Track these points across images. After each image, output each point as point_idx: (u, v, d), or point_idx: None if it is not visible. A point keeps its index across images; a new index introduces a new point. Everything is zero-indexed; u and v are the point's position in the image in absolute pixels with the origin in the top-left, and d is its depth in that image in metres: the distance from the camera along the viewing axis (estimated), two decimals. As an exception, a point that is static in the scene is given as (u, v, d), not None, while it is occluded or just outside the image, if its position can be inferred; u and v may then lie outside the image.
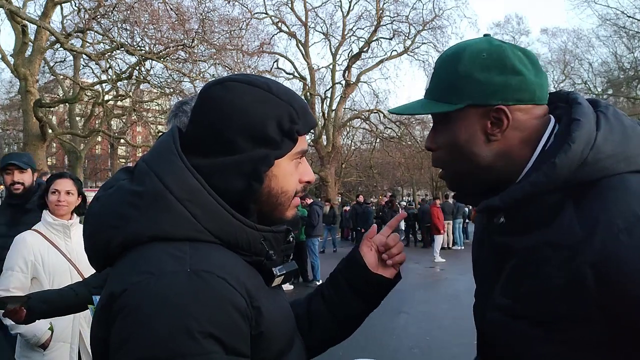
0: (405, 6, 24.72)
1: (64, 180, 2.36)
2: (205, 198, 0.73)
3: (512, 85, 0.80)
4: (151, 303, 0.64)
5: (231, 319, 0.66)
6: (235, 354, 0.66)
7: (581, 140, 0.76)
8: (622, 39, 25.00)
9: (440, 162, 0.90)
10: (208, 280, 0.66)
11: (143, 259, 0.69)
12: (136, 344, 0.62)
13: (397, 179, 32.88)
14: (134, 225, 0.71)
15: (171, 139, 0.77)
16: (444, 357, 4.79)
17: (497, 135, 0.82)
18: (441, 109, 0.84)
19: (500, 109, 0.80)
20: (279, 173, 0.79)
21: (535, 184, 0.78)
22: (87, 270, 2.33)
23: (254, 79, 0.80)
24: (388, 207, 12.90)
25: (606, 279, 0.70)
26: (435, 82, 0.87)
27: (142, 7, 12.58)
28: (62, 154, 27.59)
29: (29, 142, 12.82)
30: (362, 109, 25.96)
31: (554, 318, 0.75)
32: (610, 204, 0.73)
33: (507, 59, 0.81)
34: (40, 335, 2.18)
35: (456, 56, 0.84)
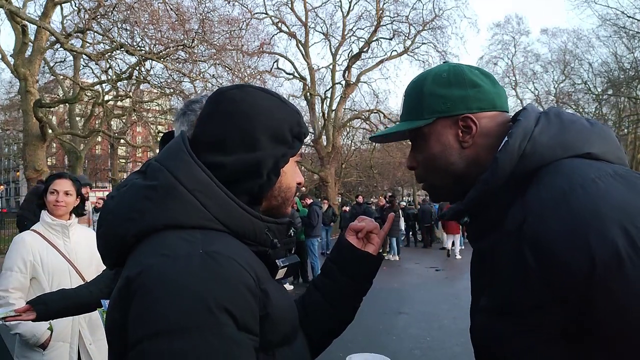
0: (405, 6, 24.76)
1: (63, 181, 2.35)
2: (213, 189, 0.79)
3: (472, 96, 0.90)
4: (167, 281, 0.68)
5: (243, 297, 0.70)
6: (246, 330, 0.70)
7: (517, 135, 0.83)
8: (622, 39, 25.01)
9: (421, 178, 0.99)
10: (220, 260, 0.71)
11: (157, 244, 0.74)
12: (154, 318, 0.66)
13: (397, 179, 32.91)
14: (149, 215, 0.77)
15: (180, 139, 0.84)
16: (444, 357, 4.78)
17: (468, 142, 0.90)
18: (413, 125, 0.92)
19: (466, 116, 0.89)
20: (288, 171, 0.89)
21: (485, 182, 0.84)
22: (85, 270, 2.33)
23: (266, 89, 0.92)
24: (388, 206, 12.88)
25: (540, 253, 0.73)
26: (405, 106, 0.97)
27: (142, 7, 12.59)
28: (62, 154, 27.59)
29: (29, 142, 12.83)
30: (362, 109, 25.97)
31: (518, 308, 0.78)
32: (542, 186, 0.78)
33: (464, 75, 0.92)
34: (39, 335, 2.18)
35: (420, 81, 0.95)
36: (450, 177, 0.92)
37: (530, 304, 0.76)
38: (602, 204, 0.70)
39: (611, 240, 0.67)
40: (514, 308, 0.78)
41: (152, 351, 0.64)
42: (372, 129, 26.45)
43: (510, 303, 0.79)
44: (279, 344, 0.79)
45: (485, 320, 0.86)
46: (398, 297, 7.69)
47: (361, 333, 5.72)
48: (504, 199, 0.83)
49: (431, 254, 13.79)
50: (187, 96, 16.04)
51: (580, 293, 0.70)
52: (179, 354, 0.64)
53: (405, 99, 0.98)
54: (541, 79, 32.91)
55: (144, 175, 0.82)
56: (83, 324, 2.33)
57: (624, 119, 27.67)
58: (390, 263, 12.13)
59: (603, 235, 0.68)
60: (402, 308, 6.89)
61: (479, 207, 0.87)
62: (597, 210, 0.70)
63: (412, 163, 0.98)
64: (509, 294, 0.79)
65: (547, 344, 0.76)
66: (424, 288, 8.47)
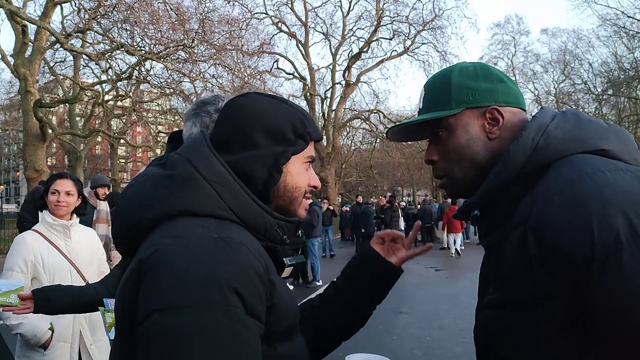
0: (405, 6, 24.78)
1: (64, 181, 2.36)
2: (230, 181, 0.82)
3: (499, 90, 0.92)
4: (181, 259, 0.69)
5: (253, 282, 0.72)
6: (253, 316, 0.70)
7: (532, 129, 0.84)
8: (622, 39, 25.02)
9: (442, 171, 0.97)
10: (233, 246, 0.73)
11: (172, 227, 0.76)
12: (165, 293, 0.67)
13: (397, 179, 32.92)
14: (165, 202, 0.79)
15: (202, 135, 0.88)
16: (444, 357, 4.79)
17: (495, 133, 0.90)
18: (441, 114, 0.91)
19: (494, 108, 0.90)
20: (293, 170, 0.90)
21: (497, 173, 0.85)
22: (86, 270, 2.34)
23: (272, 94, 0.97)
24: (388, 207, 12.88)
25: (542, 240, 0.74)
26: (428, 99, 0.97)
27: (142, 7, 12.59)
28: (62, 154, 27.58)
29: (29, 142, 12.83)
30: (362, 109, 25.99)
31: (521, 300, 0.78)
32: (553, 176, 0.79)
33: (491, 70, 0.94)
34: (40, 335, 2.18)
35: (446, 73, 0.95)
36: (474, 169, 0.91)
37: (533, 295, 0.76)
38: (607, 191, 0.71)
39: (613, 226, 0.68)
40: (518, 300, 0.78)
41: (162, 323, 0.66)
42: (372, 129, 26.47)
43: (514, 295, 0.79)
44: (281, 338, 0.80)
45: (489, 316, 0.86)
46: (398, 297, 7.68)
47: (361, 333, 5.70)
48: (515, 192, 0.84)
49: (431, 254, 13.76)
50: (187, 96, 16.05)
51: (580, 280, 0.70)
52: (188, 328, 0.65)
53: (427, 92, 0.97)
54: (541, 79, 32.97)
55: (163, 167, 0.85)
56: (84, 324, 2.33)
57: (624, 119, 27.66)
58: (390, 263, 12.13)
59: (605, 221, 0.68)
60: (402, 308, 6.89)
61: (491, 201, 0.87)
62: (601, 196, 0.70)
63: (432, 156, 0.97)
64: (513, 286, 0.79)
65: (550, 337, 0.76)
66: (424, 288, 8.46)
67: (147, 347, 0.66)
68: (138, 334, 0.68)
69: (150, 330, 0.66)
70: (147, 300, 0.69)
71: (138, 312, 0.69)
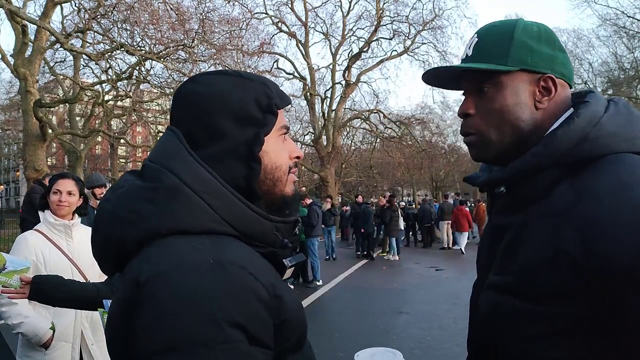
0: (405, 6, 24.80)
1: (66, 181, 2.37)
2: (220, 189, 0.74)
3: (559, 59, 0.86)
4: (175, 292, 0.64)
5: (255, 309, 0.66)
6: (258, 345, 0.66)
7: (585, 117, 0.79)
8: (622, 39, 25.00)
9: (474, 128, 0.89)
10: (231, 271, 0.67)
11: (164, 252, 0.69)
12: (159, 331, 0.62)
13: (397, 179, 32.90)
14: (152, 219, 0.71)
15: (175, 137, 0.78)
16: (444, 357, 4.79)
17: (544, 103, 0.85)
18: (495, 67, 0.84)
19: (550, 77, 0.84)
20: (269, 149, 0.80)
21: (535, 154, 0.80)
22: (88, 270, 2.34)
23: (223, 70, 0.84)
24: (387, 206, 12.88)
25: (589, 242, 0.70)
26: (483, 46, 0.88)
27: (142, 7, 12.59)
28: (62, 154, 27.56)
29: (29, 142, 12.82)
30: (362, 109, 25.97)
31: (544, 292, 0.74)
32: (602, 174, 0.75)
33: (555, 36, 0.87)
34: (41, 334, 2.18)
35: (509, 26, 0.87)
36: (513, 136, 0.85)
37: (556, 291, 0.73)
38: None
39: None
40: (533, 291, 0.75)
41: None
42: (372, 128, 26.46)
43: (529, 285, 0.76)
44: (293, 350, 0.76)
45: (493, 298, 0.83)
46: (398, 297, 7.69)
47: (361, 333, 5.72)
48: (549, 176, 0.80)
49: (431, 254, 13.79)
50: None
51: (618, 288, 0.68)
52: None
53: (481, 39, 0.89)
54: (541, 78, 32.76)
55: (140, 177, 0.77)
56: (85, 324, 2.33)
57: (624, 119, 27.61)
58: (390, 263, 12.14)
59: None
60: (402, 308, 6.89)
61: (520, 180, 0.82)
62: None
63: (468, 109, 0.89)
64: (531, 276, 0.76)
65: (561, 332, 0.74)
66: (424, 288, 8.47)
67: None
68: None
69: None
70: (143, 339, 0.63)
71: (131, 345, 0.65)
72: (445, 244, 14.85)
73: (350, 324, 6.15)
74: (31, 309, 2.22)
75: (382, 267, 11.40)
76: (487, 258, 0.91)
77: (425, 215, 15.84)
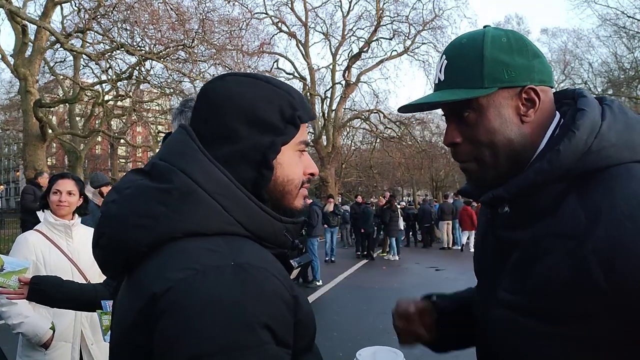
0: (405, 6, 24.82)
1: (66, 181, 2.37)
2: (234, 191, 0.73)
3: (535, 66, 0.81)
4: (200, 298, 0.62)
5: (280, 311, 0.66)
6: (283, 345, 0.66)
7: (585, 128, 0.76)
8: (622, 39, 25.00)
9: (467, 155, 0.86)
10: (253, 273, 0.66)
11: (181, 256, 0.67)
12: (189, 340, 0.60)
13: (397, 179, 32.87)
14: (166, 222, 0.69)
15: (187, 136, 0.77)
16: (444, 357, 4.79)
17: (530, 116, 0.81)
18: (473, 94, 0.81)
19: (531, 88, 0.80)
20: (284, 161, 0.79)
21: (540, 172, 0.77)
22: (88, 270, 2.34)
23: (253, 74, 0.82)
24: (387, 207, 12.88)
25: (612, 267, 0.67)
26: (454, 70, 0.84)
27: (142, 7, 12.59)
28: (62, 154, 27.57)
29: (29, 142, 12.82)
30: (362, 109, 25.98)
31: (562, 314, 0.72)
32: (614, 191, 0.72)
33: (526, 42, 0.83)
34: (41, 334, 2.18)
35: (477, 43, 0.82)
36: (505, 156, 0.82)
37: (575, 314, 0.71)
38: None
39: None
40: (554, 313, 0.73)
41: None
42: (372, 128, 26.47)
43: (550, 307, 0.74)
44: (305, 349, 0.75)
45: (508, 317, 0.81)
46: (398, 297, 7.68)
47: (361, 333, 5.72)
48: (553, 191, 0.77)
49: (431, 254, 13.78)
50: (187, 96, 16.02)
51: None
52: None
53: (451, 62, 0.84)
54: (541, 78, 32.76)
55: (149, 176, 0.75)
56: (85, 324, 2.33)
57: (624, 119, 27.62)
58: (390, 263, 12.14)
59: None
60: (402, 308, 6.88)
61: (524, 197, 0.80)
62: None
63: (454, 138, 0.85)
64: (552, 298, 0.73)
65: (580, 354, 0.72)
66: (424, 288, 8.44)
67: None
68: None
69: None
70: (169, 348, 0.62)
71: (156, 356, 0.63)
72: (445, 244, 14.85)
73: (350, 324, 6.14)
74: (31, 309, 2.22)
75: (382, 267, 11.40)
76: (492, 270, 0.89)
77: (425, 215, 15.84)
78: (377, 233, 14.05)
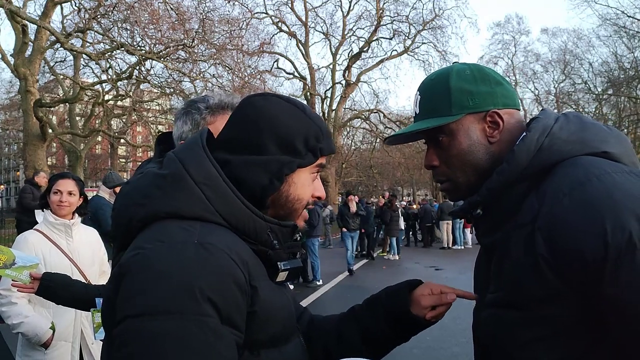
0: (405, 6, 24.83)
1: (66, 181, 2.37)
2: (219, 184, 0.80)
3: (498, 92, 0.91)
4: (158, 264, 0.70)
5: (230, 290, 0.71)
6: (229, 325, 0.70)
7: (537, 130, 0.85)
8: (622, 39, 25.02)
9: (444, 175, 0.96)
10: (212, 252, 0.72)
11: (157, 231, 0.76)
12: (139, 299, 0.68)
13: (397, 179, 32.93)
14: (156, 202, 0.79)
15: (199, 134, 0.86)
16: (444, 357, 4.79)
17: (495, 137, 0.90)
18: (443, 122, 0.90)
19: (494, 112, 0.90)
20: (298, 181, 0.87)
21: (501, 172, 0.85)
22: (88, 270, 2.34)
23: (292, 99, 0.91)
24: (387, 206, 12.87)
25: (553, 239, 0.74)
26: (426, 102, 0.95)
27: (142, 7, 12.59)
28: (62, 153, 27.60)
29: (29, 142, 12.83)
30: (362, 109, 26.00)
31: (529, 298, 0.78)
32: (559, 176, 0.80)
33: (487, 72, 0.93)
34: (41, 334, 2.18)
35: (444, 77, 0.93)
36: (476, 174, 0.91)
37: (540, 295, 0.76)
38: (618, 193, 0.72)
39: (627, 228, 0.69)
40: (524, 299, 0.79)
41: (134, 329, 0.66)
42: (372, 128, 26.48)
43: (520, 295, 0.79)
44: (266, 345, 0.78)
45: (493, 314, 0.86)
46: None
47: (361, 333, 5.72)
48: (518, 191, 0.85)
49: (431, 254, 13.79)
50: (187, 96, 16.03)
51: (591, 280, 0.71)
52: (159, 335, 0.65)
53: (423, 96, 0.96)
54: (541, 78, 32.94)
55: (160, 164, 0.85)
56: (85, 324, 2.33)
57: (624, 118, 27.66)
58: (390, 263, 12.14)
59: (619, 222, 0.69)
60: (402, 308, 6.89)
61: (493, 199, 0.87)
62: (612, 198, 0.72)
63: (432, 162, 0.96)
64: (520, 285, 0.79)
65: (556, 335, 0.77)
66: (424, 288, 8.46)
67: (119, 351, 0.67)
68: (113, 337, 0.69)
69: (123, 336, 0.67)
70: (122, 305, 0.69)
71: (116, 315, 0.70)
72: (445, 244, 14.85)
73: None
74: (31, 309, 2.22)
75: (382, 267, 11.40)
76: (483, 278, 0.95)
77: (426, 215, 15.84)
78: (377, 233, 14.04)
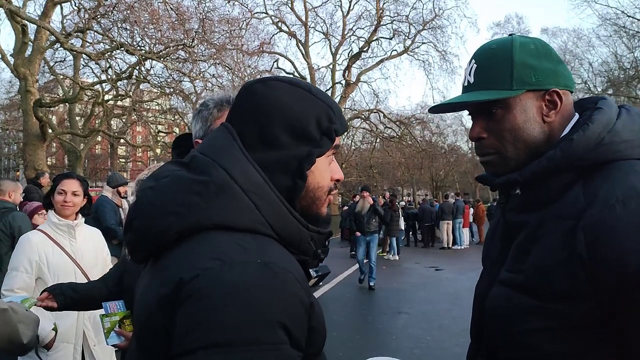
0: (405, 6, 24.78)
1: (71, 181, 2.37)
2: (268, 192, 0.75)
3: (560, 72, 0.89)
4: (225, 289, 0.64)
5: (298, 313, 0.68)
6: (297, 348, 0.67)
7: (600, 123, 0.83)
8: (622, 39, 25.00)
9: (492, 148, 0.92)
10: (278, 273, 0.67)
11: (210, 246, 0.69)
12: (210, 328, 0.62)
13: (397, 179, 32.89)
14: (199, 212, 0.71)
15: (228, 133, 0.79)
16: (444, 357, 4.80)
17: (551, 117, 0.88)
18: (502, 95, 0.87)
19: (554, 91, 0.88)
20: (316, 169, 0.81)
21: (551, 159, 0.83)
22: (91, 270, 2.35)
23: (295, 80, 0.84)
24: (388, 206, 12.86)
25: (595, 244, 0.74)
26: (485, 73, 0.90)
27: (142, 7, 12.57)
28: (62, 153, 27.57)
29: (29, 142, 12.82)
30: (362, 109, 25.98)
31: (552, 291, 0.78)
32: (614, 180, 0.78)
33: (551, 49, 0.90)
34: (44, 335, 2.18)
35: (506, 48, 0.89)
36: (527, 150, 0.89)
37: (564, 290, 0.76)
38: None
39: None
40: (545, 290, 0.79)
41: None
42: (372, 128, 26.46)
43: (542, 283, 0.79)
44: (313, 356, 0.76)
45: (504, 294, 0.86)
46: (398, 297, 7.70)
47: (361, 333, 5.73)
48: (563, 180, 0.83)
49: (431, 254, 13.79)
50: (187, 96, 16.06)
51: (624, 294, 0.71)
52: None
53: (481, 65, 0.91)
54: (541, 78, 32.71)
55: (187, 168, 0.77)
56: (87, 325, 2.34)
57: (624, 118, 27.60)
58: (390, 263, 12.15)
59: None
60: (402, 308, 6.90)
61: (536, 182, 0.86)
62: None
63: (481, 133, 0.92)
64: (545, 275, 0.79)
65: (567, 329, 0.77)
66: (424, 288, 8.47)
67: None
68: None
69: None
70: (189, 333, 0.63)
71: (175, 339, 0.64)
72: (445, 244, 14.86)
73: (349, 323, 6.15)
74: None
75: (382, 267, 11.40)
76: (498, 254, 0.95)
77: (426, 215, 15.84)
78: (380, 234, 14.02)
